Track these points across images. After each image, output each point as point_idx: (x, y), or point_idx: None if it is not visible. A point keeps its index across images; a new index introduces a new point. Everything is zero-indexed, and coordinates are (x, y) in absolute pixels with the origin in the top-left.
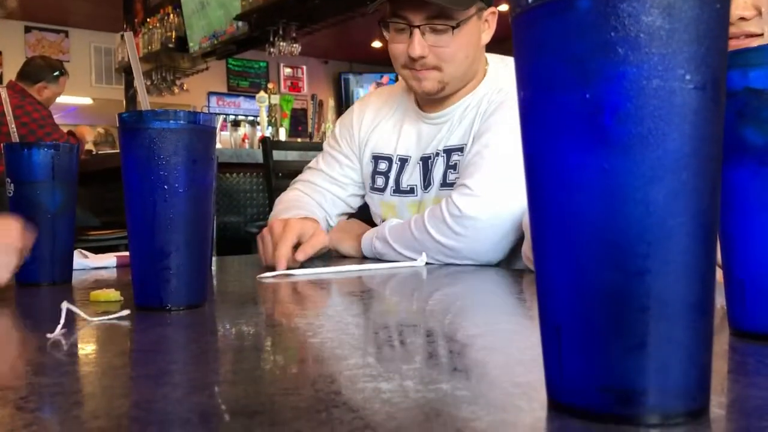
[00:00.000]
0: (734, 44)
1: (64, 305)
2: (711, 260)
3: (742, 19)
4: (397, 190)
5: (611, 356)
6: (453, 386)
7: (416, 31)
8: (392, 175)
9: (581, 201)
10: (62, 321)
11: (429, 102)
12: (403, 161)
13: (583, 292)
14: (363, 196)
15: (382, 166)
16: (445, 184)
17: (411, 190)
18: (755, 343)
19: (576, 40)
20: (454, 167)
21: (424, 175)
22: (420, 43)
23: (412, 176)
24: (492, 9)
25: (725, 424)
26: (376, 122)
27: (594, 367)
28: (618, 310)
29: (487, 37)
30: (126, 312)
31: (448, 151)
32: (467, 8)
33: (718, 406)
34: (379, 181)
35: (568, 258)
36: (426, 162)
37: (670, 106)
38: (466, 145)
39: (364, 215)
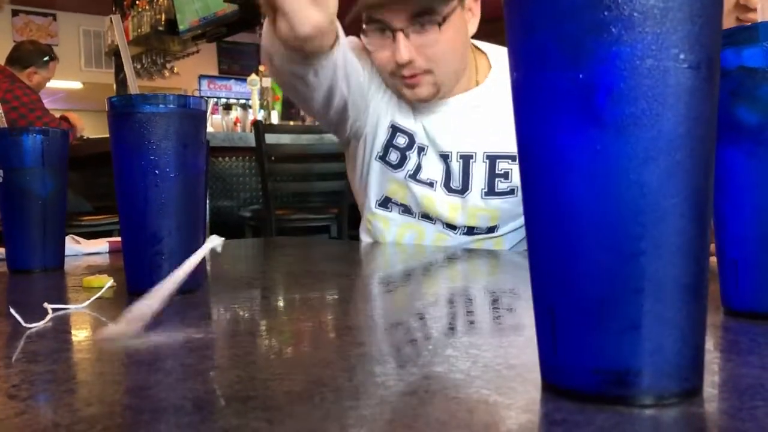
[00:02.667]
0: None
1: (47, 306)
2: (705, 241)
3: None
4: (414, 178)
5: (605, 337)
6: (447, 369)
7: (399, 35)
8: (412, 159)
9: (575, 182)
10: (47, 318)
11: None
12: (421, 149)
13: (576, 274)
14: (350, 117)
15: (401, 140)
16: (492, 193)
17: (431, 184)
18: (748, 322)
19: (569, 19)
20: (506, 176)
21: (448, 173)
22: (406, 47)
23: (431, 170)
24: None
25: (718, 404)
26: (393, 88)
27: (588, 349)
28: (612, 292)
29: (473, 26)
30: (109, 284)
31: (493, 158)
32: (448, 1)
33: (711, 385)
34: (393, 156)
35: (562, 240)
36: (445, 160)
37: (664, 86)
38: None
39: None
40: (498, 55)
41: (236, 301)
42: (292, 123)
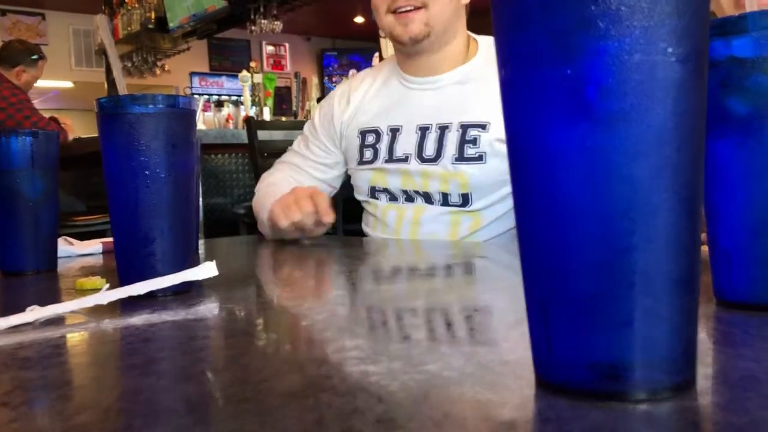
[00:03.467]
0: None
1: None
2: (696, 235)
3: None
4: (390, 159)
5: (598, 333)
6: (440, 367)
7: None
8: (383, 145)
9: (565, 178)
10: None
11: (416, 66)
12: (395, 131)
13: (568, 269)
14: (344, 174)
15: (370, 138)
16: (462, 158)
17: (405, 159)
18: (741, 313)
19: (556, 14)
20: (474, 141)
21: (421, 144)
22: None
23: (406, 145)
24: None
25: (711, 397)
26: (361, 100)
27: (581, 344)
28: (604, 287)
29: None
30: (107, 288)
31: (465, 126)
32: None
33: (704, 378)
34: (368, 154)
35: (553, 235)
36: (423, 131)
37: (653, 80)
38: (489, 123)
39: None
40: (486, 41)
41: (230, 301)
42: (284, 119)
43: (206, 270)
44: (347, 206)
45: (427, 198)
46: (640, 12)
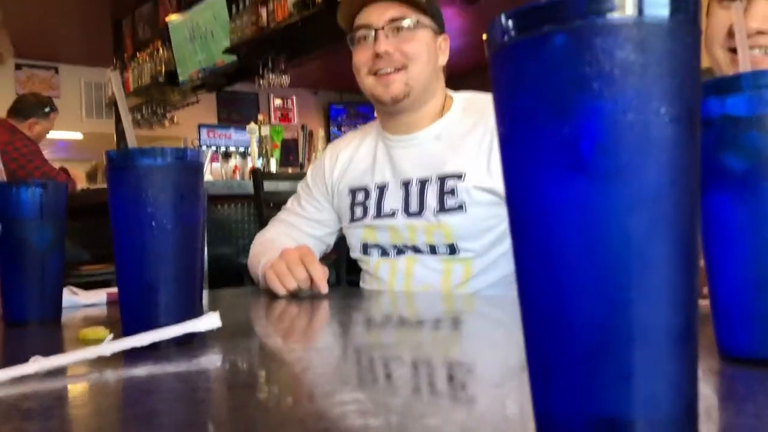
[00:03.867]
0: (755, 59)
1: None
2: (693, 289)
3: (760, 33)
4: (378, 215)
5: (597, 387)
6: (442, 420)
7: (380, 32)
8: (372, 202)
9: (563, 233)
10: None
11: (396, 124)
12: (382, 188)
13: (566, 323)
14: (338, 231)
15: (360, 196)
16: (443, 210)
17: (393, 214)
18: (743, 369)
19: (552, 75)
20: (453, 192)
21: (407, 200)
22: (385, 41)
23: (393, 201)
24: (444, 35)
25: None
26: (349, 159)
27: (580, 399)
28: (602, 341)
29: (442, 60)
30: (110, 339)
31: (443, 178)
32: (423, 12)
33: None
34: (358, 212)
35: (551, 289)
36: (406, 187)
37: (647, 139)
38: (465, 173)
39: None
40: (461, 96)
41: (232, 352)
42: (290, 170)
43: (209, 321)
44: (351, 258)
45: (416, 250)
46: (633, 74)
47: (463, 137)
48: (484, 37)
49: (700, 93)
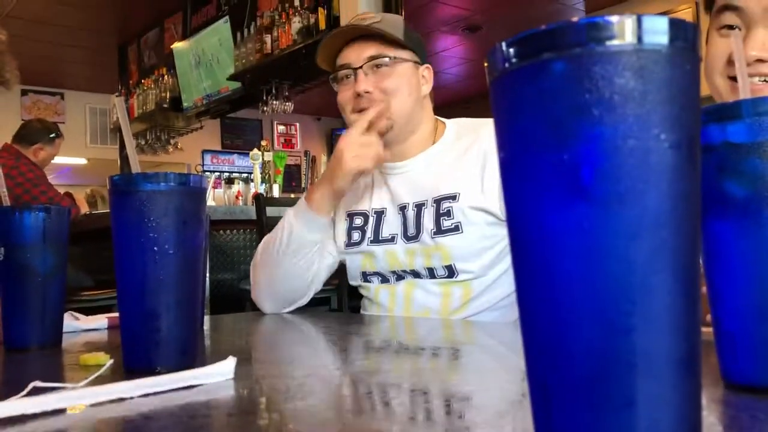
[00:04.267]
0: (755, 87)
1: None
2: (695, 316)
3: (759, 60)
4: (376, 240)
5: (600, 415)
6: None
7: (359, 72)
8: (370, 227)
9: (564, 260)
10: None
11: (387, 154)
12: (379, 213)
13: (568, 351)
14: (335, 257)
15: (358, 221)
16: (440, 232)
17: (392, 239)
18: (748, 396)
19: (552, 102)
20: (448, 213)
21: (405, 224)
22: (364, 80)
23: (392, 226)
24: (427, 65)
25: None
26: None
27: (582, 426)
28: (604, 368)
29: (426, 89)
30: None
31: (438, 200)
32: (402, 47)
33: None
34: (356, 236)
35: (552, 316)
36: (403, 211)
37: (647, 165)
38: (459, 193)
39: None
40: (454, 122)
41: (233, 378)
42: (293, 195)
43: (222, 369)
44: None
45: (416, 275)
46: (633, 100)
47: (457, 159)
48: (485, 63)
49: (700, 119)
